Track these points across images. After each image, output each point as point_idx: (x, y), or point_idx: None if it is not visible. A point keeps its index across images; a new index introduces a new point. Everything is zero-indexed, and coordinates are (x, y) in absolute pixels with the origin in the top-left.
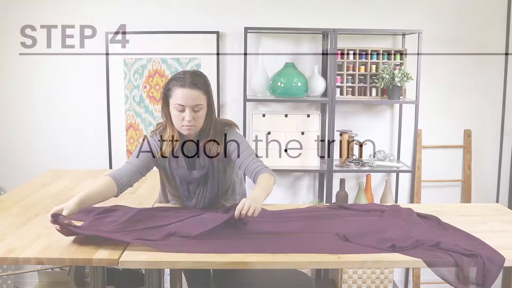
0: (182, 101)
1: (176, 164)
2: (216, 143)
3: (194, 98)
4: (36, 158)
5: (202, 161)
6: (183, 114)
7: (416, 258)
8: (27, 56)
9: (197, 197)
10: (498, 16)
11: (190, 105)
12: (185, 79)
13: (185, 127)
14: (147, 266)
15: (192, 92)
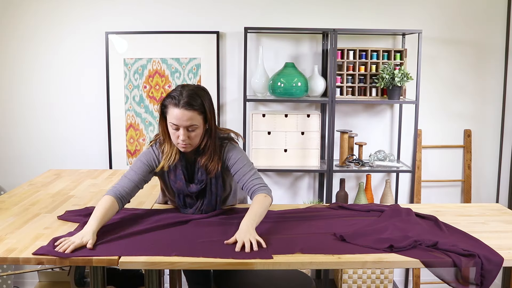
0: (176, 121)
1: (175, 177)
2: (214, 161)
3: (188, 119)
4: (36, 158)
5: (200, 176)
6: (178, 133)
7: (416, 259)
8: (27, 56)
9: (194, 209)
10: (498, 16)
11: (184, 126)
12: (180, 98)
13: (180, 145)
14: (146, 267)
15: (186, 113)
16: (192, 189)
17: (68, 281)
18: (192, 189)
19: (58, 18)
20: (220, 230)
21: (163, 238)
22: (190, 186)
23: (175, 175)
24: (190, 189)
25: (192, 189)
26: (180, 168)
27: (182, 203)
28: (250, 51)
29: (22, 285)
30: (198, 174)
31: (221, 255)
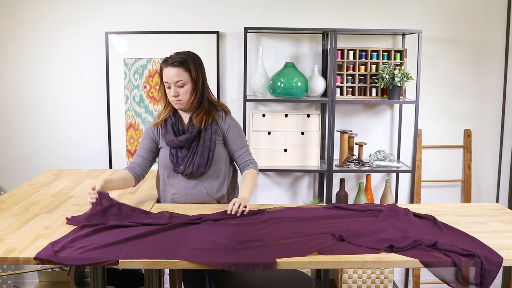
0: (166, 79)
1: (165, 131)
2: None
3: (175, 75)
4: (36, 158)
5: (191, 128)
6: (170, 91)
7: (416, 258)
8: (27, 56)
9: (186, 163)
10: (498, 16)
11: (173, 82)
12: (169, 59)
13: (175, 102)
14: (146, 266)
15: (173, 70)
16: (180, 138)
17: (68, 281)
18: (180, 138)
19: (58, 18)
20: (220, 232)
21: (164, 241)
22: (179, 137)
23: (166, 130)
24: (179, 138)
25: (180, 138)
26: (170, 123)
27: (174, 158)
28: (250, 51)
29: (22, 285)
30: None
31: (223, 258)
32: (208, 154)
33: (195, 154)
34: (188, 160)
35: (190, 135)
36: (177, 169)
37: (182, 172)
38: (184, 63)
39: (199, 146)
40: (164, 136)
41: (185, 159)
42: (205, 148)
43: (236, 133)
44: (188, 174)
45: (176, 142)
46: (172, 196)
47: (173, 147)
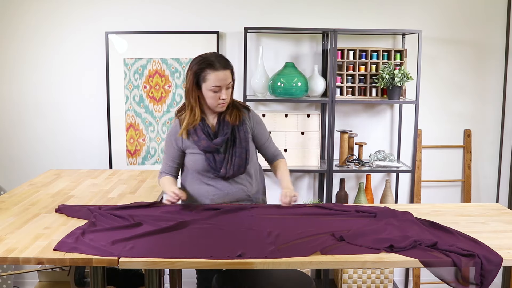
0: (219, 82)
1: (198, 138)
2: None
3: (227, 78)
4: (36, 158)
5: (225, 129)
6: (219, 94)
7: (415, 258)
8: (28, 56)
9: (226, 165)
10: (498, 16)
11: (225, 85)
12: (215, 62)
13: (220, 105)
14: (147, 266)
15: (226, 73)
16: (216, 141)
17: (68, 281)
18: (216, 142)
19: (58, 18)
20: (221, 232)
21: (167, 239)
22: (214, 140)
23: (197, 136)
24: (215, 142)
25: (216, 141)
26: (199, 128)
27: (213, 162)
28: (250, 51)
29: (22, 285)
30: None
31: (222, 255)
32: (246, 153)
33: (233, 156)
34: (228, 162)
35: (225, 137)
36: (218, 173)
37: (224, 175)
38: (231, 64)
39: (236, 147)
40: (196, 143)
41: (223, 162)
42: (242, 149)
43: (262, 128)
44: (230, 176)
45: (213, 147)
46: (212, 197)
47: (209, 151)
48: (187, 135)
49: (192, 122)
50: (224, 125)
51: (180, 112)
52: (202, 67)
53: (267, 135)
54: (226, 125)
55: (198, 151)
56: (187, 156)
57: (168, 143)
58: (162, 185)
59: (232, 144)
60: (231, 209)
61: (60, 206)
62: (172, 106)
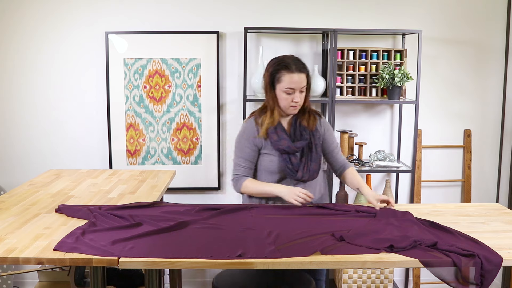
0: (294, 85)
1: (278, 138)
2: (311, 118)
3: (303, 81)
4: (36, 158)
5: (304, 134)
6: (292, 96)
7: (415, 258)
8: (27, 56)
9: (302, 169)
10: (498, 16)
11: (299, 88)
12: (291, 65)
13: (293, 107)
14: (147, 266)
15: (301, 76)
16: (298, 144)
17: (68, 281)
18: (297, 145)
19: (58, 18)
20: (221, 231)
21: (167, 239)
22: (295, 143)
23: (278, 136)
24: (296, 145)
25: (298, 144)
26: (281, 129)
27: (290, 164)
28: (250, 51)
29: (22, 285)
30: (301, 133)
31: (223, 255)
32: (320, 159)
33: (310, 161)
34: (304, 166)
35: (306, 141)
36: (294, 175)
37: (300, 178)
38: (306, 67)
39: (313, 153)
40: (277, 142)
41: (300, 165)
42: (318, 154)
43: (332, 135)
44: (305, 180)
45: (294, 148)
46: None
47: (287, 152)
48: (267, 134)
49: (272, 122)
50: (301, 129)
51: (254, 113)
52: (277, 68)
53: (336, 144)
54: (304, 129)
55: (273, 152)
56: (261, 157)
57: (244, 144)
58: (254, 188)
59: (309, 149)
60: (231, 209)
61: (60, 206)
62: (172, 106)
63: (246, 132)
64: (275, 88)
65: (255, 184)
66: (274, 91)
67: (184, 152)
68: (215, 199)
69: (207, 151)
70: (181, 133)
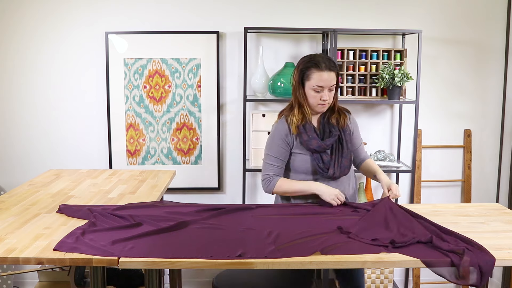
0: (322, 83)
1: (308, 137)
2: (342, 116)
3: (332, 79)
4: (36, 158)
5: (333, 130)
6: (321, 94)
7: (415, 258)
8: (27, 56)
9: (333, 166)
10: (498, 16)
11: (328, 86)
12: (321, 63)
13: (321, 105)
14: (147, 266)
15: (331, 74)
16: (327, 142)
17: (68, 281)
18: (327, 142)
19: (58, 18)
20: (221, 231)
21: (167, 239)
22: (325, 140)
23: (308, 135)
24: (326, 142)
25: (327, 142)
26: (310, 127)
27: (321, 162)
28: (250, 51)
29: (22, 285)
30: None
31: (223, 255)
32: (351, 155)
33: (340, 157)
34: (335, 163)
35: (334, 138)
36: (325, 173)
37: (331, 176)
38: (336, 66)
39: (344, 149)
40: (307, 141)
41: (331, 162)
42: (348, 150)
43: (359, 132)
44: (337, 176)
45: (324, 147)
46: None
47: (318, 151)
48: (298, 133)
49: (302, 119)
50: (330, 127)
51: (283, 112)
52: (307, 66)
53: (361, 140)
54: (332, 126)
55: (304, 151)
56: (292, 156)
57: (277, 143)
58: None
59: (338, 145)
60: (231, 209)
61: (61, 206)
62: (172, 106)
63: (278, 131)
64: (304, 85)
65: (290, 183)
66: (303, 88)
67: (184, 152)
68: (215, 199)
69: (207, 151)
70: (181, 133)
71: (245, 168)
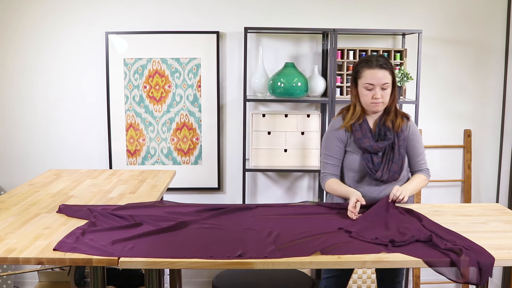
0: (372, 81)
1: (362, 135)
2: (398, 119)
3: (382, 77)
4: (36, 158)
5: (389, 134)
6: (372, 93)
7: (415, 258)
8: (27, 56)
9: (382, 169)
10: (498, 16)
11: (379, 84)
12: (372, 61)
13: (373, 104)
14: (147, 266)
15: (381, 72)
16: (380, 144)
17: (68, 281)
18: (380, 144)
19: (58, 18)
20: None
21: (167, 239)
22: (378, 142)
23: (362, 133)
24: (379, 144)
25: (380, 144)
26: (365, 127)
27: (370, 163)
28: (250, 51)
29: (22, 285)
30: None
31: (223, 255)
32: (402, 160)
33: (391, 161)
34: (385, 166)
35: (388, 142)
36: (373, 175)
37: (379, 178)
38: (390, 65)
39: (395, 153)
40: (360, 140)
41: (381, 165)
42: (400, 155)
43: (417, 140)
44: (384, 180)
45: (376, 148)
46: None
47: (370, 152)
48: (351, 129)
49: (354, 117)
50: (385, 130)
51: (342, 110)
52: (359, 64)
53: (420, 150)
54: (388, 130)
55: (356, 150)
56: (346, 154)
57: (331, 140)
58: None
59: (391, 149)
60: (231, 209)
61: (61, 206)
62: (172, 106)
63: (333, 128)
64: (358, 84)
65: (336, 185)
66: (356, 87)
67: (184, 152)
68: (215, 199)
69: (207, 151)
70: (181, 133)
71: (245, 168)
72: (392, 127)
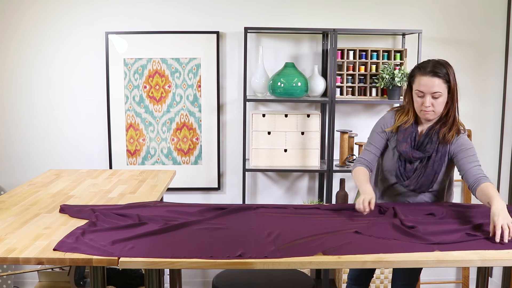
0: (422, 88)
1: (402, 138)
2: (452, 131)
3: (433, 85)
4: (36, 158)
5: (428, 146)
6: (422, 100)
7: (415, 258)
8: (28, 55)
9: (412, 179)
10: (498, 16)
11: (428, 92)
12: (426, 67)
13: (423, 111)
14: (147, 266)
15: (432, 80)
16: (415, 154)
17: (68, 281)
18: (415, 154)
19: (58, 18)
20: (224, 231)
21: (167, 239)
22: (415, 151)
23: (403, 136)
24: (414, 154)
25: (415, 154)
26: (410, 131)
27: (402, 169)
28: (250, 51)
29: (22, 285)
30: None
31: (223, 255)
32: (434, 175)
33: (422, 174)
34: (414, 178)
35: (425, 154)
36: (401, 181)
37: (406, 186)
38: (445, 74)
39: (428, 167)
40: (399, 142)
41: (412, 175)
42: (432, 170)
43: (466, 154)
44: (413, 190)
45: (410, 156)
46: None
47: (405, 157)
48: (397, 131)
49: (406, 121)
50: (429, 141)
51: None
52: (415, 68)
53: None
54: (432, 141)
55: (394, 150)
56: (387, 150)
57: (377, 129)
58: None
59: (427, 161)
60: (232, 209)
61: (63, 206)
62: (172, 106)
63: (383, 120)
64: (412, 89)
65: (359, 175)
66: (410, 92)
67: (184, 152)
68: (215, 199)
69: (207, 151)
70: (181, 133)
71: (245, 168)
72: (442, 139)
